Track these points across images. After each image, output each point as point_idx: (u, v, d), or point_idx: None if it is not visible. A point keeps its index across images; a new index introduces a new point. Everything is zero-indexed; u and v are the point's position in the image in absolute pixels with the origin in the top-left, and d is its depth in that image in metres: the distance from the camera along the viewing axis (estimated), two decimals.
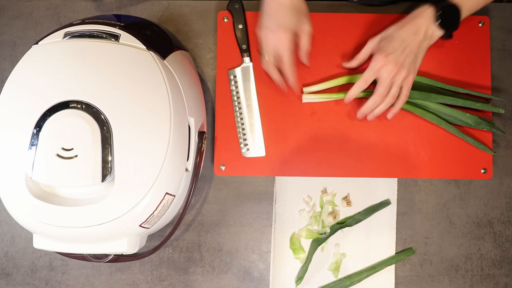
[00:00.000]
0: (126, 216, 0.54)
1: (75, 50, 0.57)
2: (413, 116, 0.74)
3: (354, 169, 0.73)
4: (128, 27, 0.60)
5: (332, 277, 0.72)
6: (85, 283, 0.73)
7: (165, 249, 0.74)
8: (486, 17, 0.75)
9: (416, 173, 0.74)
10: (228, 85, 0.74)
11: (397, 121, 0.74)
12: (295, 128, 0.74)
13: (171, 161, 0.56)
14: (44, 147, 0.53)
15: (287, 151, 0.73)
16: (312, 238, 0.72)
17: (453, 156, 0.74)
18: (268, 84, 0.74)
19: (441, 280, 0.73)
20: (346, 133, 0.74)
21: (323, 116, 0.74)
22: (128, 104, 0.55)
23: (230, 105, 0.74)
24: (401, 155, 0.74)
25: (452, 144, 0.74)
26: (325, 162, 0.73)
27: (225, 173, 0.73)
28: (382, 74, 0.65)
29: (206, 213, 0.74)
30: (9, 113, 0.55)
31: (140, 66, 0.57)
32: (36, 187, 0.55)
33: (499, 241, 0.74)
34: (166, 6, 0.77)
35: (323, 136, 0.74)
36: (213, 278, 0.73)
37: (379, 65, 0.65)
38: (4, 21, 0.77)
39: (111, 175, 0.54)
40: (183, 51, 0.69)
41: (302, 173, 0.73)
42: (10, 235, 0.74)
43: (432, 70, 0.74)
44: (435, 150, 0.74)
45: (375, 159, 0.73)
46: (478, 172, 0.74)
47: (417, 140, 0.74)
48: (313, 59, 0.73)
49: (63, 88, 0.54)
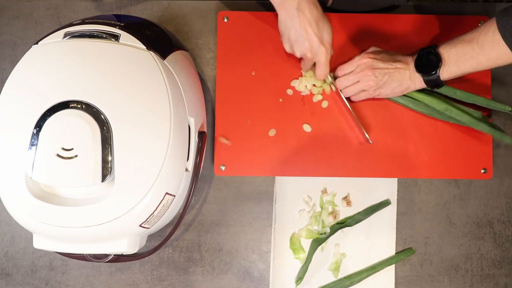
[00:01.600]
0: (126, 216, 0.54)
1: (75, 50, 0.57)
2: (413, 116, 0.74)
3: (354, 169, 0.73)
4: (128, 27, 0.60)
5: (332, 277, 0.72)
6: (85, 283, 0.73)
7: (165, 249, 0.74)
8: (486, 17, 0.75)
9: (416, 173, 0.74)
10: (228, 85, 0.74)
11: (397, 121, 0.74)
12: (295, 128, 0.74)
13: (171, 161, 0.56)
14: (44, 147, 0.53)
15: (287, 151, 0.73)
16: (312, 238, 0.72)
17: (453, 156, 0.74)
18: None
19: (441, 280, 0.73)
20: (346, 133, 0.74)
21: (323, 116, 0.74)
22: (128, 104, 0.55)
23: (230, 105, 0.74)
24: (401, 155, 0.73)
25: (452, 144, 0.74)
26: (325, 162, 0.73)
27: (225, 173, 0.73)
28: (358, 67, 0.68)
29: (206, 213, 0.74)
30: (9, 113, 0.55)
31: (140, 66, 0.57)
32: (36, 187, 0.55)
33: (499, 241, 0.74)
34: (166, 6, 0.77)
35: (323, 136, 0.74)
36: (213, 278, 0.73)
37: (362, 61, 0.68)
38: (4, 21, 0.77)
39: (111, 175, 0.54)
40: (183, 51, 0.69)
41: (302, 173, 0.73)
42: (10, 235, 0.74)
43: None
44: (435, 150, 0.74)
45: (375, 159, 0.73)
46: (478, 172, 0.74)
47: (417, 140, 0.74)
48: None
49: (63, 88, 0.54)
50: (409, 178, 0.75)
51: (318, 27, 0.62)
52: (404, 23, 0.75)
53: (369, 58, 0.68)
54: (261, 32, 0.74)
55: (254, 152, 0.73)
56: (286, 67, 0.74)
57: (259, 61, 0.74)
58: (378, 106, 0.74)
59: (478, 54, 0.60)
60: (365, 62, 0.68)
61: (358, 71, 0.68)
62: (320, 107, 0.74)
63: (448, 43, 0.64)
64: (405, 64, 0.67)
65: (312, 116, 0.74)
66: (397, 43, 0.75)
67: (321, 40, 0.62)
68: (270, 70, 0.74)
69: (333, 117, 0.74)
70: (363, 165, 0.73)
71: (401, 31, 0.75)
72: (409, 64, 0.67)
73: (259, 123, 0.74)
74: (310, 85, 0.73)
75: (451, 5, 0.78)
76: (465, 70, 0.63)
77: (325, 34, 0.63)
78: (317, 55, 0.64)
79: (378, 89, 0.68)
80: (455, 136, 0.74)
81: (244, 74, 0.74)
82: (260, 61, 0.74)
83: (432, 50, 0.64)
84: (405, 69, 0.67)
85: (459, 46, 0.62)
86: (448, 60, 0.63)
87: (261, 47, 0.74)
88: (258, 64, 0.74)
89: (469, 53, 0.61)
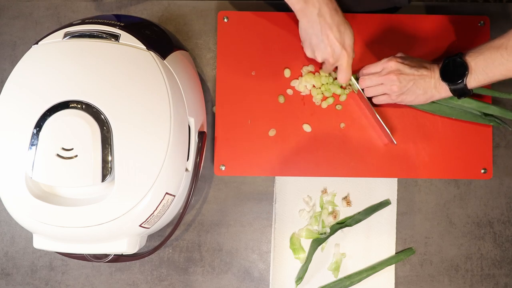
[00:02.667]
0: (126, 216, 0.54)
1: (75, 50, 0.57)
2: (413, 116, 0.74)
3: (354, 169, 0.73)
4: (128, 27, 0.60)
5: (332, 277, 0.72)
6: (85, 283, 0.73)
7: (165, 249, 0.74)
8: (486, 17, 0.75)
9: (416, 173, 0.74)
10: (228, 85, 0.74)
11: (398, 121, 0.74)
12: (295, 128, 0.74)
13: (171, 161, 0.56)
14: (44, 147, 0.53)
15: (287, 151, 0.73)
16: (312, 238, 0.72)
17: (453, 156, 0.74)
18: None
19: (441, 280, 0.73)
20: (346, 133, 0.74)
21: (323, 116, 0.74)
22: (128, 104, 0.55)
23: (230, 105, 0.74)
24: (401, 155, 0.73)
25: (452, 144, 0.74)
26: (325, 162, 0.73)
27: (225, 173, 0.73)
28: (384, 70, 0.67)
29: (206, 213, 0.74)
30: (9, 113, 0.55)
31: (140, 66, 0.57)
32: (36, 187, 0.55)
33: (499, 241, 0.74)
34: (166, 6, 0.77)
35: (323, 136, 0.74)
36: (213, 278, 0.73)
37: (388, 64, 0.66)
38: (4, 21, 0.77)
39: (111, 175, 0.54)
40: (183, 51, 0.69)
41: (302, 173, 0.73)
42: (10, 235, 0.74)
43: None
44: (435, 150, 0.74)
45: (375, 159, 0.73)
46: (478, 172, 0.74)
47: (417, 140, 0.74)
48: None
49: (63, 88, 0.54)
50: (409, 178, 0.75)
51: (340, 32, 0.62)
52: (405, 24, 0.75)
53: (396, 62, 0.66)
54: (261, 32, 0.74)
55: (254, 152, 0.73)
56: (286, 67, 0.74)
57: (259, 61, 0.74)
58: (379, 107, 0.74)
59: (508, 61, 0.59)
60: (391, 66, 0.66)
61: (383, 74, 0.67)
62: (320, 107, 0.74)
63: (475, 50, 0.62)
64: (430, 72, 0.66)
65: (312, 116, 0.74)
66: (399, 43, 0.75)
67: (342, 44, 0.62)
68: (270, 70, 0.74)
69: (333, 117, 0.74)
70: (363, 165, 0.73)
71: (403, 32, 0.75)
72: (434, 72, 0.65)
73: (259, 123, 0.74)
74: (310, 86, 0.73)
75: (451, 5, 0.78)
76: (494, 78, 0.62)
77: (347, 39, 0.63)
78: (340, 60, 0.64)
79: (401, 96, 0.67)
80: (455, 136, 0.74)
81: (244, 74, 0.74)
82: (260, 61, 0.74)
83: (458, 58, 0.63)
84: (430, 77, 0.65)
85: (487, 53, 0.61)
86: (475, 67, 0.62)
87: (261, 47, 0.74)
88: (258, 64, 0.74)
89: (498, 60, 0.60)
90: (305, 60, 0.74)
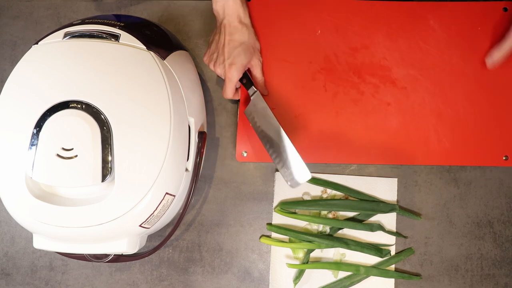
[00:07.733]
0: (126, 216, 0.54)
1: (75, 50, 0.57)
2: (435, 103, 0.74)
3: (377, 156, 0.73)
4: (128, 27, 0.60)
5: (332, 277, 0.72)
6: (85, 283, 0.73)
7: (165, 249, 0.74)
8: (510, 3, 0.75)
9: (438, 160, 0.73)
10: None
11: (418, 108, 0.74)
12: (317, 115, 0.73)
13: (171, 161, 0.56)
14: (44, 147, 0.53)
15: (310, 137, 0.73)
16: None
17: (475, 143, 0.73)
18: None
19: (441, 280, 0.73)
20: (368, 120, 0.73)
21: (344, 103, 0.74)
22: (128, 104, 0.55)
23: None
24: (422, 141, 0.73)
25: (473, 131, 0.73)
26: (347, 149, 0.73)
27: (247, 159, 0.73)
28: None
29: (206, 213, 0.74)
30: (9, 113, 0.55)
31: (140, 66, 0.57)
32: (36, 187, 0.55)
33: (499, 241, 0.74)
34: (166, 6, 0.77)
35: (346, 122, 0.73)
36: (213, 278, 0.73)
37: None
38: (4, 21, 0.77)
39: (111, 175, 0.54)
40: (183, 51, 0.69)
41: (321, 159, 0.73)
42: (10, 235, 0.74)
43: (455, 59, 0.74)
44: (457, 137, 0.73)
45: (397, 146, 0.73)
46: (500, 159, 0.74)
47: (438, 127, 0.73)
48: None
49: (63, 88, 0.54)
50: (409, 178, 0.75)
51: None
52: (426, 11, 0.75)
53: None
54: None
55: None
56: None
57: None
58: (400, 93, 0.74)
59: None
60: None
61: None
62: (341, 95, 0.73)
63: None
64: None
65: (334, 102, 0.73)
66: (419, 30, 0.74)
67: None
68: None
69: (355, 104, 0.73)
70: (386, 151, 0.73)
71: (423, 20, 0.74)
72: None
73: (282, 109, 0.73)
74: None
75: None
76: None
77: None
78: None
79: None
80: (477, 123, 0.73)
81: None
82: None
83: None
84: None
85: None
86: None
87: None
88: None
89: None
90: None
